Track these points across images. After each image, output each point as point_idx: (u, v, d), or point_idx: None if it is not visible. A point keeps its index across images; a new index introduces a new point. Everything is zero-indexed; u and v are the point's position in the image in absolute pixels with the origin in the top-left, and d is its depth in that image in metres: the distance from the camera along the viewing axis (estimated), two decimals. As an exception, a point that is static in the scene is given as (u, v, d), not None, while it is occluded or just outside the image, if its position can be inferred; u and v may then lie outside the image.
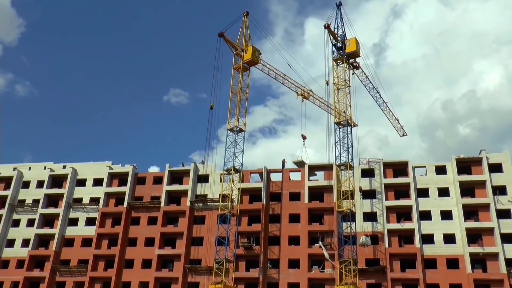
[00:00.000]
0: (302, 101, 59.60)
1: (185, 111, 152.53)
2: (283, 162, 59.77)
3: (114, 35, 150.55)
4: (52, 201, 62.25)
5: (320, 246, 52.33)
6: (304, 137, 60.27)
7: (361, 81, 59.26)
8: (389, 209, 54.03)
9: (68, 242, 59.51)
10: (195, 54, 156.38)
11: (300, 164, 58.84)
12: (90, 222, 60.21)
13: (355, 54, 56.95)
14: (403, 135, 64.93)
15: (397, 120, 63.91)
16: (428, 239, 51.87)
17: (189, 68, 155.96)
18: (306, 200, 55.68)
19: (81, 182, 62.37)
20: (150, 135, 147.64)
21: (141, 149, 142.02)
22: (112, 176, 61.82)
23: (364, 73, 58.97)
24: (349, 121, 54.96)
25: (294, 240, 54.21)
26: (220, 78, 58.92)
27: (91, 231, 59.32)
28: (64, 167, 63.59)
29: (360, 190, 54.13)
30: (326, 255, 51.26)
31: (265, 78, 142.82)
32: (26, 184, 63.55)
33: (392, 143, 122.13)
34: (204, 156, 60.33)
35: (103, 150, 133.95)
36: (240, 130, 56.36)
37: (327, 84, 57.25)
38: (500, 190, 52.12)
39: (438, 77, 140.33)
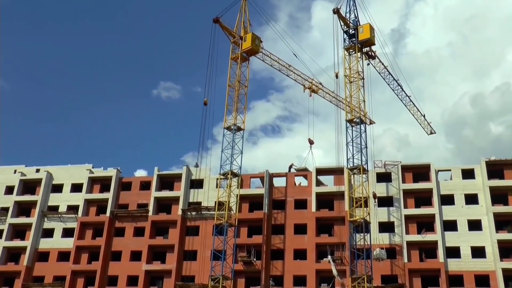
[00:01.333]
0: (310, 95, 59.73)
1: (177, 107, 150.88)
2: (291, 166, 59.62)
3: (95, 21, 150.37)
4: (24, 209, 62.14)
5: (329, 261, 52.29)
6: (311, 142, 60.34)
7: (379, 73, 58.96)
8: (409, 219, 53.98)
9: (42, 256, 59.32)
10: (188, 43, 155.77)
11: (303, 170, 58.98)
12: (67, 233, 60.12)
13: (370, 42, 56.87)
14: (431, 133, 64.58)
15: (423, 116, 63.67)
16: (453, 252, 51.69)
17: (181, 59, 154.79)
18: (313, 209, 55.70)
19: (57, 188, 62.37)
20: (137, 135, 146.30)
21: (126, 150, 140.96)
22: (92, 181, 61.86)
23: (382, 63, 58.73)
24: (363, 118, 54.89)
25: (300, 254, 54.25)
26: (215, 69, 59.55)
27: (68, 243, 59.19)
28: (38, 170, 63.57)
29: (375, 196, 53.97)
30: (335, 271, 51.25)
31: (267, 69, 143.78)
32: (-7, 191, 63.37)
33: (414, 143, 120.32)
34: (198, 158, 59.14)
35: (82, 151, 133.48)
36: (239, 129, 56.33)
37: (337, 76, 57.38)
38: (536, 197, 52.08)
39: (466, 68, 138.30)
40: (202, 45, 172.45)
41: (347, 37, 57.29)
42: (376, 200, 54.05)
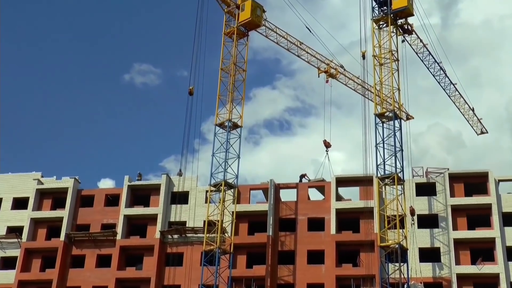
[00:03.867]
0: (327, 81, 59.35)
1: (155, 97, 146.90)
2: (302, 177, 59.58)
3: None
4: None
5: (354, 300, 52.29)
6: (327, 145, 60.41)
7: (416, 53, 58.43)
8: (459, 244, 53.43)
9: (-26, 294, 58.79)
10: (169, 13, 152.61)
11: (320, 182, 58.98)
12: (7, 263, 59.52)
13: (407, 12, 56.17)
14: (482, 133, 65.02)
15: (472, 109, 63.50)
16: (519, 288, 51.40)
17: (161, 34, 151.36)
18: (333, 230, 55.31)
19: (-6, 204, 62.02)
20: (101, 133, 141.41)
21: (87, 153, 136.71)
22: (41, 194, 61.50)
23: (421, 41, 58.09)
24: (398, 111, 54.24)
25: (315, 290, 54.04)
26: (204, 48, 57.04)
27: (9, 277, 58.41)
28: (-35, 182, 62.99)
29: (414, 214, 53.55)
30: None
31: (272, 48, 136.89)
32: None
33: (469, 144, 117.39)
34: (181, 164, 57.89)
35: (28, 156, 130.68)
36: (235, 126, 56.00)
37: (363, 57, 56.75)
38: None
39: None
40: (188, 16, 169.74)
41: (376, 5, 56.73)
42: (416, 219, 53.61)
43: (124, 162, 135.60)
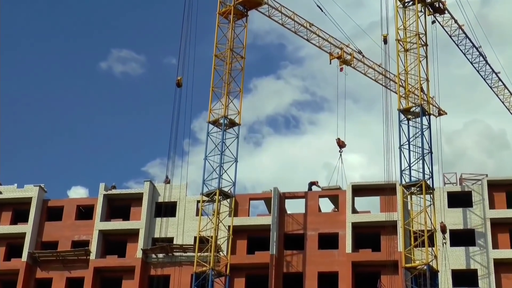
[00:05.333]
0: (341, 69, 59.33)
1: (138, 89, 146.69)
2: (312, 185, 59.38)
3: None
4: None
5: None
6: (341, 144, 60.57)
7: (450, 36, 58.25)
8: (501, 265, 52.88)
9: None
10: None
11: (333, 191, 58.89)
12: None
13: (437, -12, 56.62)
14: None
15: None
16: None
17: (144, 15, 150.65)
18: (349, 248, 54.98)
19: None
20: (73, 132, 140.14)
21: (54, 157, 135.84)
22: (0, 205, 60.96)
23: (456, 21, 57.85)
24: (427, 106, 53.81)
25: (327, 320, 54.14)
26: (195, 32, 57.09)
27: None
28: None
29: (445, 230, 53.20)
30: None
31: (276, 30, 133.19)
32: None
33: None
34: (168, 169, 57.78)
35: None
36: (232, 123, 55.72)
37: (385, 41, 56.58)
38: None
39: None
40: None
41: (401, -21, 56.94)
42: (448, 236, 53.28)
43: (99, 166, 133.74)
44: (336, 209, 58.27)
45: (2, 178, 62.53)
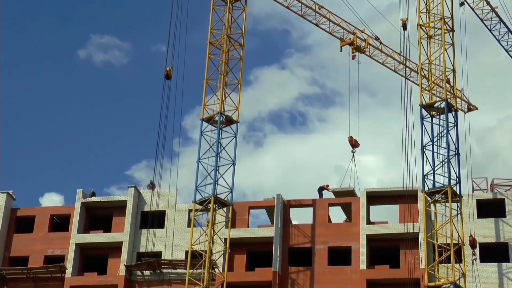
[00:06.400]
0: (353, 57, 59.62)
1: (122, 81, 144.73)
2: (322, 189, 59.27)
3: None
4: None
5: None
6: (354, 144, 60.96)
7: (482, 20, 58.37)
8: None
9: None
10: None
11: (347, 194, 58.67)
12: None
13: (464, -35, 56.84)
14: None
15: None
16: None
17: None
18: (363, 264, 54.57)
19: None
20: (46, 131, 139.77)
21: (25, 159, 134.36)
22: None
23: (488, 3, 57.96)
24: (453, 100, 53.56)
25: None
26: (186, 15, 56.97)
27: None
28: None
29: (475, 243, 52.29)
30: None
31: (280, 14, 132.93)
32: None
33: None
34: (155, 174, 57.25)
35: None
36: (229, 121, 55.19)
37: (404, 27, 56.61)
38: None
39: None
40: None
41: (422, -44, 56.86)
42: (477, 250, 52.51)
43: (76, 170, 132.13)
44: (348, 220, 57.85)
45: (-38, 182, 63.41)
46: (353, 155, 60.66)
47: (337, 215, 59.03)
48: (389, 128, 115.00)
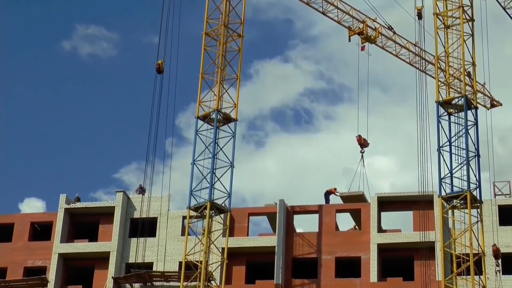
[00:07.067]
0: (362, 49, 59.88)
1: (109, 75, 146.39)
2: (329, 194, 59.51)
3: None
4: None
5: None
6: (363, 143, 61.30)
7: (504, 8, 58.39)
8: None
9: None
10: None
11: (356, 199, 58.74)
12: None
13: None
14: None
15: None
16: None
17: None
18: (374, 276, 54.43)
19: None
20: (27, 130, 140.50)
21: (3, 160, 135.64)
22: None
23: None
24: (472, 96, 53.28)
25: None
26: (180, 3, 56.85)
27: None
28: None
29: (498, 253, 52.10)
30: None
31: (282, 1, 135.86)
32: None
33: None
34: (145, 177, 57.42)
35: None
36: (227, 119, 55.11)
37: (419, 16, 56.59)
38: None
39: None
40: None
41: None
42: (500, 261, 52.41)
43: (59, 173, 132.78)
44: (357, 227, 57.79)
45: None
46: (362, 155, 60.85)
47: (345, 222, 59.22)
48: (402, 127, 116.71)
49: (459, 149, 51.51)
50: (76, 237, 59.37)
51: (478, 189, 50.54)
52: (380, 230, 55.70)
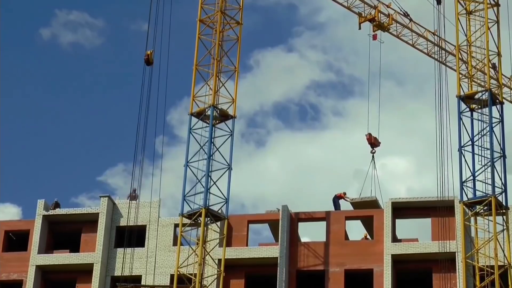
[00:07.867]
0: (374, 38, 60.17)
1: (94, 67, 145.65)
2: (338, 199, 59.56)
3: None
4: None
5: None
6: (373, 142, 61.39)
7: None
8: None
9: None
10: None
11: (368, 205, 58.44)
12: None
13: None
14: None
15: None
16: None
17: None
18: None
19: None
20: (1, 129, 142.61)
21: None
22: None
23: None
24: (498, 91, 53.26)
25: None
26: None
27: None
28: None
29: None
30: None
31: None
32: None
33: None
34: (133, 180, 57.48)
35: None
36: (224, 115, 55.00)
37: (439, 1, 57.15)
38: None
39: None
40: None
41: None
42: None
43: (37, 176, 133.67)
44: (369, 236, 57.81)
45: None
46: (373, 156, 60.76)
47: (356, 231, 59.21)
48: (419, 124, 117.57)
49: (482, 149, 51.51)
50: (55, 247, 59.23)
51: (504, 194, 50.51)
52: (394, 239, 55.09)
